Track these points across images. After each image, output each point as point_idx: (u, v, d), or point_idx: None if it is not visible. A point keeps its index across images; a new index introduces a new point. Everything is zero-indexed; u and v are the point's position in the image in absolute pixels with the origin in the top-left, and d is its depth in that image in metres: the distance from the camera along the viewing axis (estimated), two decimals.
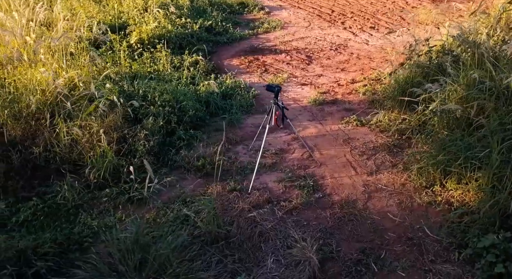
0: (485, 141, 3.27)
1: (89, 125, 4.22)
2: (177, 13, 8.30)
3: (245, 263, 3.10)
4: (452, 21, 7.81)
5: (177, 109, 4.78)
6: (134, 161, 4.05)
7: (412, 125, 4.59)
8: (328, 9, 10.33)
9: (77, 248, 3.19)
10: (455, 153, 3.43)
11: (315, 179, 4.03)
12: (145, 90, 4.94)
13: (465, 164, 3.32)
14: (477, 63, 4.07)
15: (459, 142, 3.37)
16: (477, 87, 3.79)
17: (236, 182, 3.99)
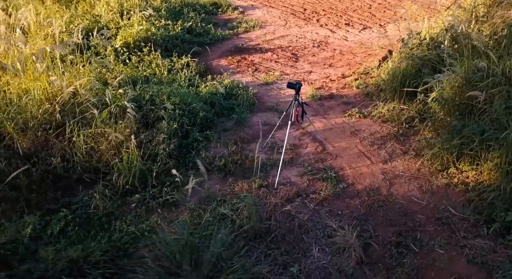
0: (496, 124, 3.59)
1: (105, 132, 4.12)
2: (155, 15, 8.19)
3: (292, 254, 3.20)
4: (431, 15, 8.34)
5: (187, 112, 4.77)
6: (158, 165, 4.01)
7: (412, 114, 4.88)
8: (300, 7, 10.58)
9: (123, 255, 3.14)
10: (469, 137, 3.73)
11: (335, 170, 4.20)
12: (152, 94, 4.87)
13: (480, 146, 3.62)
14: (472, 53, 4.42)
15: (474, 126, 3.67)
16: (476, 74, 4.12)
17: (261, 179, 4.06)
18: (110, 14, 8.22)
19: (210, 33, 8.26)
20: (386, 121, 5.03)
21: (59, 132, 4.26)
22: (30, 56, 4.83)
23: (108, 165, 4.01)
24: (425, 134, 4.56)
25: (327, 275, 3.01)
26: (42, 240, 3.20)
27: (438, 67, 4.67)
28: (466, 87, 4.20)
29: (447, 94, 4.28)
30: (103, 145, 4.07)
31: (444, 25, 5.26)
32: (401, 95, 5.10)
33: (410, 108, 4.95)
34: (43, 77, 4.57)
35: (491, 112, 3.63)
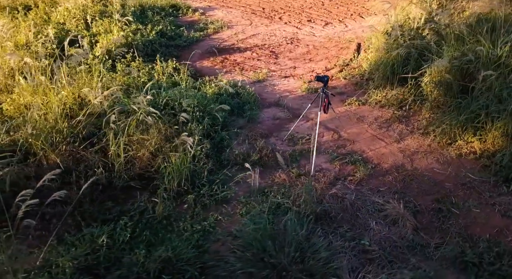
0: (497, 99, 4.21)
1: (142, 139, 4.10)
2: (123, 20, 8.00)
3: (355, 230, 3.51)
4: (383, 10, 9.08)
5: (206, 113, 4.85)
6: (200, 165, 4.09)
7: (406, 97, 5.43)
8: (257, 6, 10.91)
9: (199, 251, 3.22)
10: (474, 112, 4.32)
11: (358, 154, 4.58)
12: (167, 99, 4.88)
13: (485, 118, 4.22)
14: (456, 40, 5.06)
15: (480, 102, 4.26)
16: (464, 58, 4.74)
17: (296, 168, 4.32)
18: (74, 21, 7.88)
19: (183, 36, 8.27)
20: (384, 106, 5.53)
21: (88, 144, 4.15)
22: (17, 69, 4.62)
23: (150, 170, 4.01)
24: (424, 114, 5.12)
25: (392, 243, 3.36)
26: (114, 248, 3.17)
27: (426, 54, 5.25)
28: (456, 70, 4.82)
29: (442, 77, 4.85)
30: (141, 151, 4.05)
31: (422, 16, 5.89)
32: (393, 81, 5.63)
33: (403, 93, 5.49)
34: (67, 90, 4.40)
35: (492, 89, 4.24)
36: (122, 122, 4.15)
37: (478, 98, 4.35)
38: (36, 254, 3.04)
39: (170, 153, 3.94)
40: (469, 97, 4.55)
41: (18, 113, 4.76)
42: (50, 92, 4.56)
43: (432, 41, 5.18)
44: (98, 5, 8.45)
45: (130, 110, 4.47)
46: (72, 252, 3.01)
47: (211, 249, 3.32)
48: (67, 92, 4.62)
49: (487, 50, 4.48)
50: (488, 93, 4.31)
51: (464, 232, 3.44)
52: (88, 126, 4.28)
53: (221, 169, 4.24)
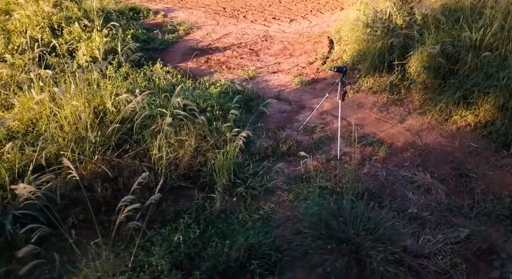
0: (485, 76, 4.86)
1: (179, 140, 4.13)
2: (91, 26, 7.72)
3: (397, 202, 3.90)
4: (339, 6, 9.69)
5: (224, 111, 4.97)
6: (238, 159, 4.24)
7: (396, 83, 5.98)
8: (217, 6, 11.03)
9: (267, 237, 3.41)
10: (467, 89, 4.94)
11: (371, 136, 5.00)
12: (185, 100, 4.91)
13: (478, 94, 4.85)
14: (436, 28, 5.68)
15: (474, 79, 4.88)
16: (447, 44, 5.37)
17: (323, 154, 4.62)
18: (38, 29, 7.46)
19: (158, 39, 8.18)
20: (376, 92, 6.03)
21: (122, 151, 4.10)
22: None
23: (193, 169, 4.07)
24: (414, 96, 5.69)
25: (433, 208, 3.80)
26: (188, 244, 3.24)
27: (410, 42, 5.82)
28: (439, 55, 5.43)
29: (430, 62, 5.45)
30: (181, 152, 4.09)
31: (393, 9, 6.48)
32: (381, 69, 6.16)
33: (392, 79, 6.03)
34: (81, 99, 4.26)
35: (481, 68, 4.88)
36: (156, 126, 4.15)
37: (468, 77, 4.97)
38: (122, 255, 3.03)
39: (215, 150, 4.02)
40: (460, 77, 5.17)
41: (25, 127, 4.52)
42: (64, 102, 4.39)
43: (415, 31, 5.75)
44: (64, 11, 8.03)
45: (156, 114, 4.47)
46: (157, 251, 3.04)
47: (276, 234, 3.51)
48: (81, 102, 4.46)
49: (469, 35, 5.12)
50: (476, 72, 4.94)
51: (487, 192, 3.98)
52: (118, 133, 4.21)
53: (257, 161, 4.41)
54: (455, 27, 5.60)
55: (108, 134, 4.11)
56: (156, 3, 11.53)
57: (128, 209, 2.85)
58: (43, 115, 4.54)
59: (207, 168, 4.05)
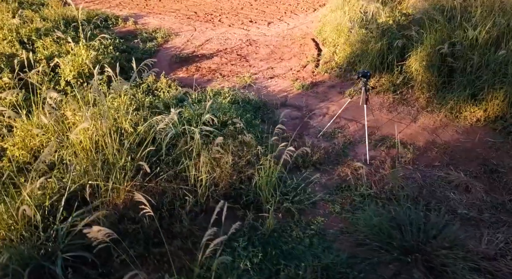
0: (492, 73, 5.05)
1: (214, 158, 3.86)
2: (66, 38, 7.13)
3: (442, 203, 3.91)
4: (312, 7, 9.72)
5: (245, 123, 4.75)
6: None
7: (398, 82, 6.06)
8: (187, 11, 10.67)
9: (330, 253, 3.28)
10: (477, 86, 5.10)
11: (390, 138, 5.00)
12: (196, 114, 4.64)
13: (487, 90, 5.02)
14: (434, 28, 5.83)
15: (484, 77, 5.04)
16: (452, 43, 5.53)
17: (354, 160, 4.56)
18: (5, 43, 6.77)
19: (138, 48, 7.72)
20: (380, 93, 6.08)
21: (154, 174, 3.77)
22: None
23: (235, 187, 3.84)
24: (418, 94, 5.79)
25: (478, 207, 3.85)
26: (254, 269, 3.04)
27: (408, 42, 5.92)
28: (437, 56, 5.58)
29: (430, 62, 5.57)
30: (217, 170, 3.83)
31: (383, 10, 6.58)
32: (381, 69, 6.22)
33: (393, 79, 6.11)
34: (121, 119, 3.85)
35: (488, 65, 5.06)
36: (185, 144, 3.87)
37: (474, 74, 5.14)
38: None
39: (257, 166, 3.80)
40: (468, 75, 5.32)
41: (32, 157, 4.03)
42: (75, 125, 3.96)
43: (413, 31, 5.86)
44: (31, 23, 7.32)
45: (182, 131, 4.17)
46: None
47: (335, 246, 3.39)
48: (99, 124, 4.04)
49: (472, 34, 5.30)
50: (482, 69, 5.12)
51: None
52: (147, 155, 3.85)
53: (289, 173, 4.24)
54: (452, 26, 5.77)
55: (138, 158, 3.75)
56: (120, 9, 10.94)
57: (215, 243, 2.58)
58: (52, 142, 4.06)
59: (250, 185, 3.83)
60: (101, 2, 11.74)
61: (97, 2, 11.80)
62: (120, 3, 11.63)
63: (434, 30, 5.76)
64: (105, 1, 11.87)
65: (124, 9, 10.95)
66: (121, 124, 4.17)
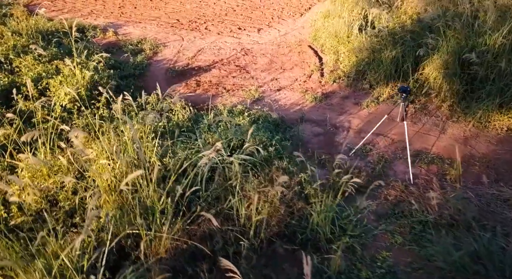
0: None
1: (258, 192, 3.43)
2: (49, 55, 6.42)
3: (505, 225, 3.68)
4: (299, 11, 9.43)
5: (274, 146, 4.34)
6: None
7: (416, 92, 5.86)
8: (168, 18, 10.08)
9: None
10: (506, 95, 4.97)
11: (425, 152, 4.76)
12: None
13: None
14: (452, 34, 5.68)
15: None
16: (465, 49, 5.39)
17: (394, 181, 4.27)
18: None
19: (128, 63, 7.09)
20: (397, 102, 5.83)
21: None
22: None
23: (288, 223, 3.42)
24: (438, 103, 5.61)
25: None
26: None
27: (426, 48, 5.73)
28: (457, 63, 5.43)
29: (451, 69, 5.41)
30: (266, 206, 3.40)
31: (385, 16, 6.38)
32: (395, 78, 6.00)
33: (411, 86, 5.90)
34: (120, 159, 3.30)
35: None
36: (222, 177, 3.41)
37: (502, 82, 5.01)
38: None
39: (315, 199, 3.40)
40: (496, 83, 5.17)
41: (47, 203, 3.42)
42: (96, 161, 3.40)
43: (430, 38, 5.67)
44: (6, 39, 6.51)
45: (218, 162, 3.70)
46: None
47: None
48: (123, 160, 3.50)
49: (491, 40, 5.17)
50: (508, 77, 5.00)
51: None
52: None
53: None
54: (467, 32, 5.63)
55: (176, 198, 3.24)
56: (94, 18, 10.15)
57: None
58: (68, 183, 3.47)
59: (302, 219, 3.42)
60: (70, 11, 10.87)
61: (66, 11, 10.91)
62: (92, 11, 10.82)
63: (451, 36, 5.59)
64: (75, 9, 11.01)
65: (99, 17, 10.17)
66: (151, 158, 3.63)
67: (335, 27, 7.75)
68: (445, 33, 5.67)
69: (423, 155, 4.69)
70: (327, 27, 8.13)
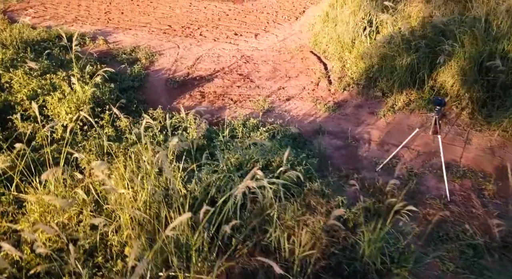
0: None
1: (296, 220, 3.11)
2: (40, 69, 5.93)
3: None
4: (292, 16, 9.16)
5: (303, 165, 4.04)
6: None
7: (431, 99, 5.66)
8: (159, 24, 9.66)
9: None
10: None
11: (454, 164, 4.55)
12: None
13: None
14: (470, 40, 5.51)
15: None
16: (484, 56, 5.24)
17: (430, 199, 4.03)
18: None
19: (125, 74, 6.65)
20: (414, 110, 5.63)
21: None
22: None
23: (327, 254, 3.12)
24: (458, 112, 5.43)
25: None
26: None
27: (443, 55, 5.53)
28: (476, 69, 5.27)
29: (470, 76, 5.23)
30: (307, 235, 3.08)
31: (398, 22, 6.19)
32: (410, 85, 5.80)
33: (424, 95, 5.70)
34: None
35: None
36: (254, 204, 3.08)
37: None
38: None
39: (362, 228, 3.10)
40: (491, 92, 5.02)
41: (63, 245, 3.01)
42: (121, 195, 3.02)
43: (447, 45, 5.49)
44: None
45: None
46: None
47: None
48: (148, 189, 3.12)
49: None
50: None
51: None
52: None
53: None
54: (485, 38, 5.47)
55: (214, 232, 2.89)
56: (79, 25, 9.62)
57: None
58: (84, 217, 3.08)
59: (345, 249, 3.13)
60: (53, 17, 10.29)
61: (48, 17, 10.33)
62: (77, 17, 10.27)
63: (468, 42, 5.42)
64: (57, 16, 10.44)
65: (85, 24, 9.65)
66: (177, 185, 3.26)
67: (338, 32, 7.52)
68: (461, 38, 5.49)
69: (454, 168, 4.48)
70: (328, 31, 7.89)
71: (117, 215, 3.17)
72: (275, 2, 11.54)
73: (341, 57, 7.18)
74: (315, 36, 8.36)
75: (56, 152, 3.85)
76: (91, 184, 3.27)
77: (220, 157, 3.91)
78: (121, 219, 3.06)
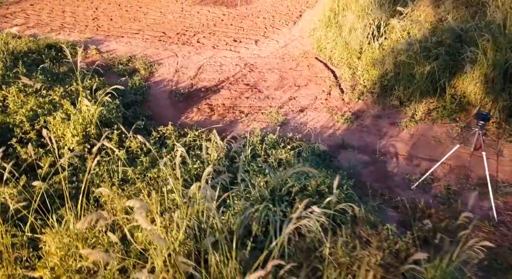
0: None
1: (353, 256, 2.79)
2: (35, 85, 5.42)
3: None
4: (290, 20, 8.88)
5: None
6: None
7: (453, 108, 5.45)
8: (152, 31, 9.23)
9: None
10: None
11: (494, 179, 4.31)
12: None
13: None
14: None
15: None
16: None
17: (477, 220, 3.77)
18: None
19: (126, 88, 6.19)
20: (436, 120, 5.39)
21: None
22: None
23: None
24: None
25: None
26: None
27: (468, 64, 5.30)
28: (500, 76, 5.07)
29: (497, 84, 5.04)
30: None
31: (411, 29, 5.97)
32: (430, 93, 5.57)
33: (445, 104, 5.48)
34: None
35: None
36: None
37: None
38: None
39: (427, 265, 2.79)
40: None
41: None
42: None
43: (468, 51, 5.27)
44: None
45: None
46: None
47: None
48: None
49: None
50: None
51: None
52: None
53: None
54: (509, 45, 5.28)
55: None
56: (67, 33, 9.09)
57: None
58: (112, 260, 2.67)
59: None
60: (37, 25, 9.71)
61: (32, 25, 9.75)
62: (63, 25, 9.72)
63: (490, 48, 5.22)
64: (41, 23, 9.86)
65: (72, 32, 9.12)
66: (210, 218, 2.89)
67: (344, 37, 7.26)
68: (483, 45, 5.29)
69: (492, 183, 4.23)
70: (332, 37, 7.62)
71: (148, 256, 2.78)
72: (270, 6, 11.24)
73: (349, 64, 6.92)
74: (317, 41, 8.08)
75: (67, 182, 3.41)
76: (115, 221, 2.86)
77: (249, 182, 3.55)
78: (154, 261, 2.68)
